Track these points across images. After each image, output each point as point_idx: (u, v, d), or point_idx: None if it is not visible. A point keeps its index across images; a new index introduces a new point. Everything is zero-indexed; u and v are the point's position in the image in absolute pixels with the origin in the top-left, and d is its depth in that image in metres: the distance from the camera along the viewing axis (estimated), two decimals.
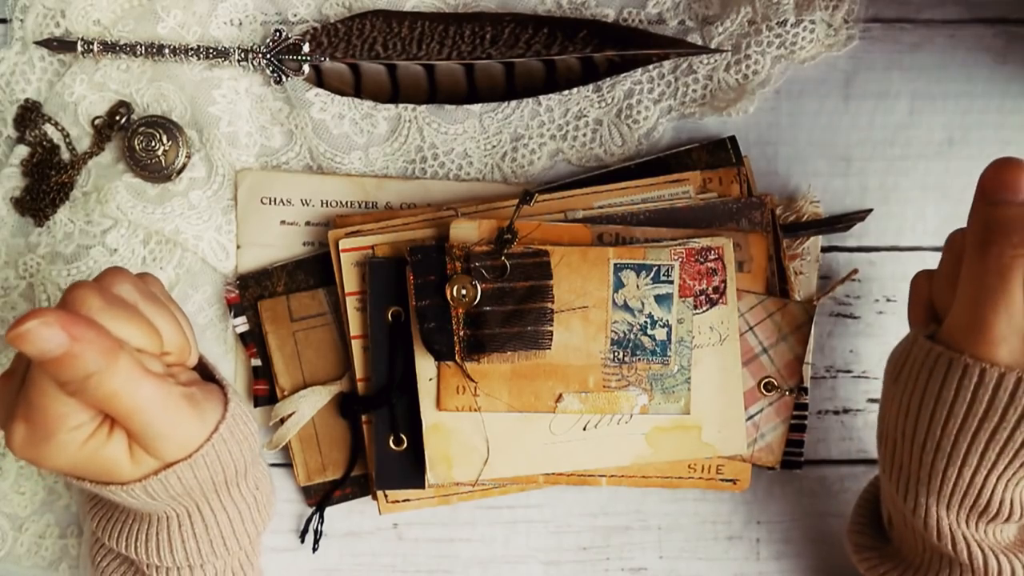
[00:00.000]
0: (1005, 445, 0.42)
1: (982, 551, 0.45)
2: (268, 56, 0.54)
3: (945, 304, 0.45)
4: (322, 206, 0.56)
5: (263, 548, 0.57)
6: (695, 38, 0.56)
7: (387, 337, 0.53)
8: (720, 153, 0.55)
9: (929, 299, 0.47)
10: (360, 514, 0.57)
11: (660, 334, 0.52)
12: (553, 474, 0.54)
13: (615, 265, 0.52)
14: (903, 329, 0.52)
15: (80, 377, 0.38)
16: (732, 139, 0.55)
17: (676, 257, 0.52)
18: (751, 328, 0.54)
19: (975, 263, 0.42)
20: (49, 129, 0.56)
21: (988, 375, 0.41)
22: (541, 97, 0.56)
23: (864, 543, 0.52)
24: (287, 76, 0.55)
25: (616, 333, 0.52)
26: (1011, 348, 0.41)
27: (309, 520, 0.56)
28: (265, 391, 0.56)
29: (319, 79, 0.55)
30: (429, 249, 0.52)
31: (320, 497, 0.56)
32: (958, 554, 0.45)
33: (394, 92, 0.55)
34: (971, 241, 0.42)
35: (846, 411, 0.57)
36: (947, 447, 0.43)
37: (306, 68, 0.55)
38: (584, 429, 0.53)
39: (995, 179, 0.42)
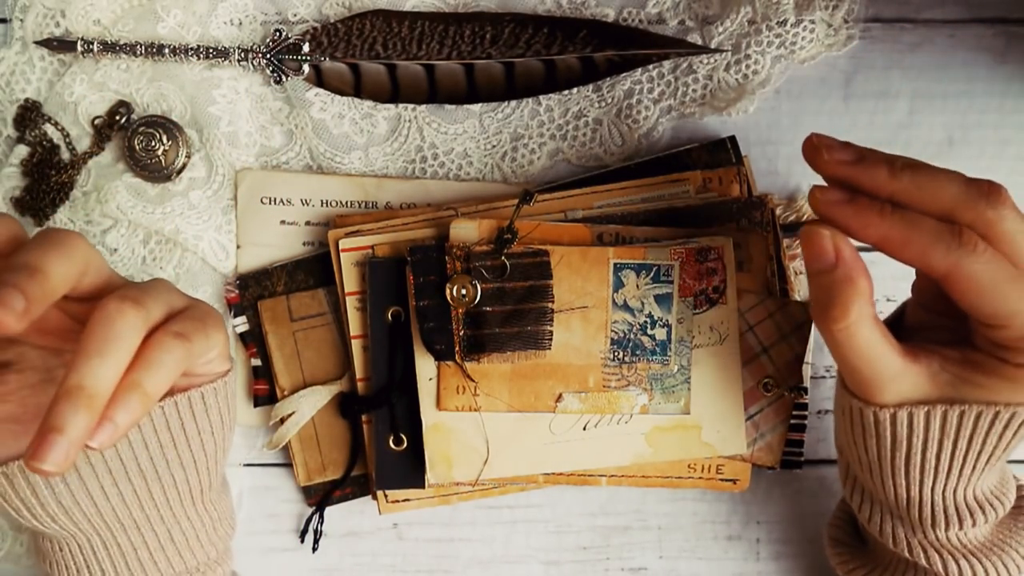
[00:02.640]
0: (923, 465, 0.43)
1: (940, 556, 0.46)
2: (268, 56, 0.54)
3: None
4: (322, 206, 0.56)
5: (262, 548, 0.57)
6: (695, 38, 0.56)
7: (387, 337, 0.53)
8: (720, 153, 0.55)
9: None
10: (360, 514, 0.57)
11: (660, 334, 0.52)
12: (553, 474, 0.54)
13: (615, 265, 0.52)
14: None
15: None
16: (732, 139, 0.55)
17: (676, 257, 0.52)
18: (751, 328, 0.54)
19: (823, 333, 0.42)
20: (49, 129, 0.56)
21: (880, 416, 0.42)
22: (541, 97, 0.56)
23: (840, 538, 0.52)
24: (287, 76, 0.55)
25: (616, 333, 0.52)
26: (892, 389, 0.42)
27: (309, 520, 0.56)
28: (265, 391, 0.56)
29: (319, 79, 0.55)
30: (429, 249, 0.52)
31: (320, 497, 0.56)
32: (918, 560, 0.46)
33: (394, 92, 0.55)
34: (812, 311, 0.43)
35: None
36: (877, 471, 0.45)
37: (306, 68, 0.55)
38: (584, 429, 0.53)
39: (806, 251, 0.42)
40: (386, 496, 0.55)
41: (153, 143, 0.54)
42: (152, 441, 0.43)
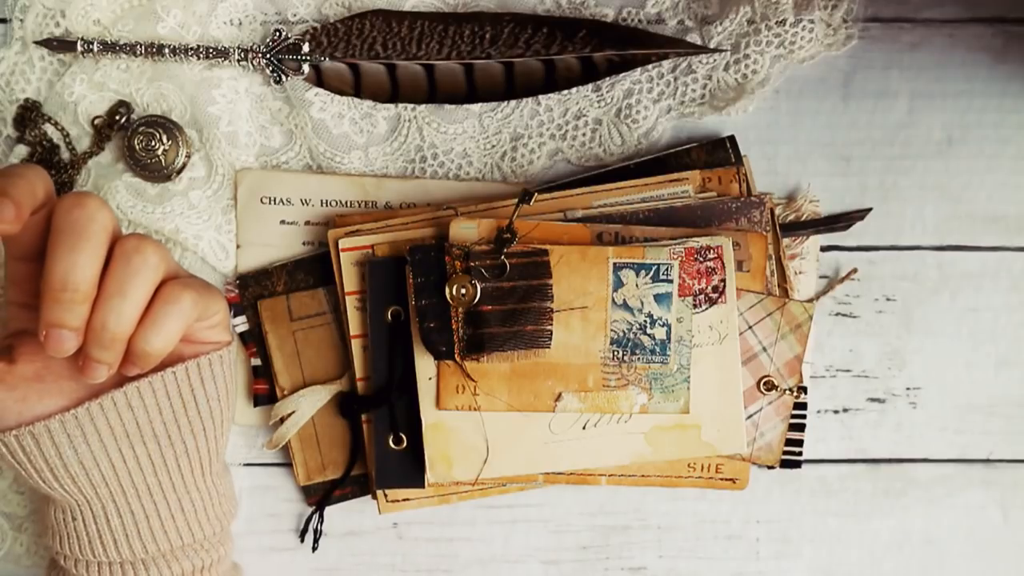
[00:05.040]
0: None
1: None
2: (268, 56, 0.54)
3: None
4: (322, 206, 0.56)
5: (262, 548, 0.57)
6: (694, 38, 0.56)
7: (387, 336, 0.53)
8: (719, 152, 0.55)
9: None
10: (360, 513, 0.57)
11: (659, 333, 0.52)
12: (553, 473, 0.54)
13: (614, 264, 0.52)
14: (903, 328, 0.52)
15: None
16: (731, 138, 0.55)
17: (675, 256, 0.52)
18: (750, 327, 0.54)
19: None
20: (49, 129, 0.56)
21: None
22: (541, 97, 0.56)
23: None
24: (287, 76, 0.55)
25: (615, 332, 0.52)
26: None
27: (309, 519, 0.56)
28: (265, 390, 0.56)
29: (319, 79, 0.55)
30: (429, 248, 0.52)
31: (320, 496, 0.56)
32: None
33: (394, 92, 0.55)
34: None
35: (846, 410, 0.57)
36: None
37: (306, 68, 0.55)
38: (583, 428, 0.53)
39: None
40: (386, 495, 0.55)
41: (153, 143, 0.54)
42: (165, 405, 0.46)
